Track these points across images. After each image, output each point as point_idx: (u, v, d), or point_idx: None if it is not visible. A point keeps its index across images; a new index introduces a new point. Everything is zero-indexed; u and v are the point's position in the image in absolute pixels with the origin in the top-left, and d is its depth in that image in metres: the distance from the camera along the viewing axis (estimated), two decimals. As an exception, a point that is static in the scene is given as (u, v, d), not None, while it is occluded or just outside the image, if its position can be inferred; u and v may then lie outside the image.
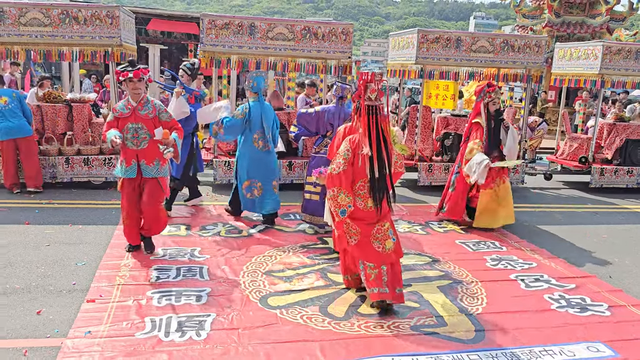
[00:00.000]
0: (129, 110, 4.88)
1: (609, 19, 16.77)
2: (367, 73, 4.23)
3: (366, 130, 4.07)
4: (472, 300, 4.50)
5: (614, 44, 9.23)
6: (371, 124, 4.06)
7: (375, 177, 4.06)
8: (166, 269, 4.80)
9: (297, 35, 7.84)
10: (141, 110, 4.88)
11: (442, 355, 3.58)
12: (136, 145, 4.89)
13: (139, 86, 4.85)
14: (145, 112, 4.90)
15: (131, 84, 4.81)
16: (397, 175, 4.33)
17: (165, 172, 5.10)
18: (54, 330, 3.71)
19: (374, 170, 4.05)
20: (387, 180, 4.11)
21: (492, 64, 8.63)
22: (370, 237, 4.16)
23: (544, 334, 3.98)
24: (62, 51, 7.42)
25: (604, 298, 4.68)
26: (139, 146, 4.89)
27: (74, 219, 6.20)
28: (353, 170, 4.08)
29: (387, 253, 4.17)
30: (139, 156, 4.92)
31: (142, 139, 4.89)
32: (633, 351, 3.77)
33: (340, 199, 4.04)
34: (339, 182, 4.03)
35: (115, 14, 7.30)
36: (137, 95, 4.88)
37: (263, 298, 4.33)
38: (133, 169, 4.92)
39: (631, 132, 9.55)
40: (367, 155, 4.02)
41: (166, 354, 3.42)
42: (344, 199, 4.04)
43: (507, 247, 5.98)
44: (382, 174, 4.07)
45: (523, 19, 18.11)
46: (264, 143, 6.10)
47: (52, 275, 4.63)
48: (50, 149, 7.54)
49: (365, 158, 4.05)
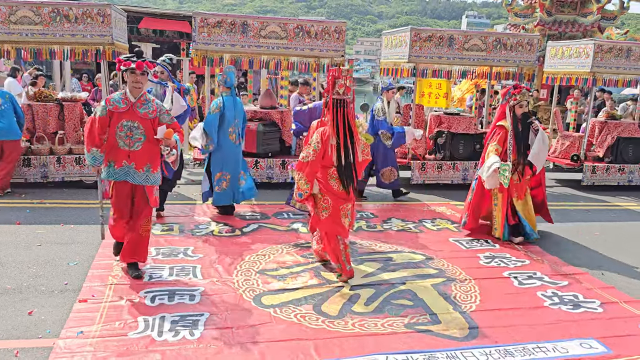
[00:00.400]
0: (126, 106, 4.36)
1: (600, 17, 16.86)
2: (335, 69, 4.63)
3: (334, 122, 4.54)
4: (466, 298, 4.51)
5: (605, 43, 9.28)
6: (339, 116, 4.54)
7: (342, 164, 4.55)
8: (159, 268, 4.77)
9: (289, 33, 7.82)
10: (140, 108, 4.39)
11: (436, 353, 3.58)
12: (128, 145, 4.35)
13: (140, 79, 4.37)
14: (144, 110, 4.41)
15: (132, 76, 4.33)
16: (364, 162, 4.79)
17: (155, 181, 4.54)
18: (46, 330, 3.68)
19: (341, 158, 4.54)
20: (353, 167, 4.61)
21: (484, 62, 8.65)
22: (340, 211, 4.68)
23: (537, 330, 3.99)
24: (53, 50, 7.35)
25: (596, 295, 4.71)
26: (132, 147, 4.36)
27: (65, 219, 6.16)
28: (325, 158, 4.57)
29: (347, 228, 4.78)
30: (130, 158, 4.39)
31: (137, 139, 4.37)
32: (625, 347, 3.79)
33: (300, 184, 4.60)
34: (304, 169, 4.57)
35: (106, 12, 7.24)
36: (137, 89, 4.38)
37: (257, 297, 4.32)
38: (125, 171, 4.39)
39: (622, 130, 9.61)
40: (334, 145, 4.52)
41: (159, 354, 3.40)
42: (303, 185, 4.59)
43: (500, 244, 5.99)
44: (347, 162, 4.57)
45: (515, 17, 18.18)
46: (236, 136, 6.39)
47: (44, 275, 4.60)
48: (42, 149, 7.48)
49: (333, 147, 4.53)
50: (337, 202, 4.65)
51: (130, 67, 4.31)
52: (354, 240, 5.82)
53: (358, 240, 5.85)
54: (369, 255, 5.43)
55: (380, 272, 4.98)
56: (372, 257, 5.38)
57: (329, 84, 4.64)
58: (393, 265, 5.16)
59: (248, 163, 7.71)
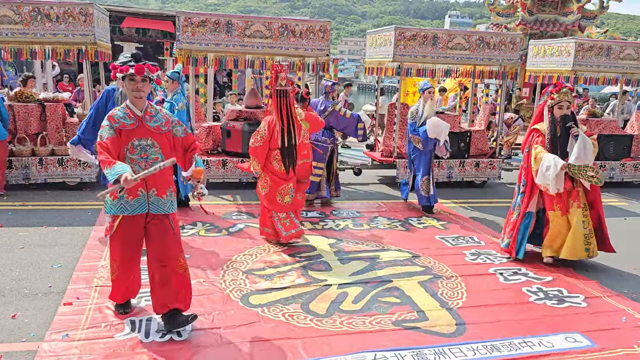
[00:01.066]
0: (134, 121, 3.50)
1: (581, 17, 17.12)
2: (277, 65, 5.42)
3: (277, 110, 5.32)
4: (452, 295, 4.54)
5: (586, 41, 9.43)
6: (282, 104, 5.31)
7: (285, 146, 5.29)
8: (146, 270, 4.71)
9: (274, 32, 7.81)
10: (150, 122, 3.54)
11: (423, 350, 3.60)
12: (145, 168, 3.45)
13: (142, 88, 3.51)
14: (156, 123, 3.56)
15: (132, 83, 3.49)
16: (304, 145, 5.54)
17: (176, 207, 3.79)
18: (30, 334, 3.62)
19: (284, 141, 5.27)
20: (294, 150, 5.35)
21: (468, 61, 8.72)
22: (276, 191, 5.39)
23: (523, 325, 4.04)
24: (34, 49, 7.27)
25: (580, 290, 4.77)
26: None
27: (48, 221, 6.07)
28: (272, 141, 5.30)
29: (285, 205, 5.44)
30: (149, 184, 3.54)
31: (153, 159, 3.50)
32: (609, 340, 3.85)
33: (253, 165, 5.40)
34: (254, 153, 5.35)
35: (88, 11, 7.17)
36: (140, 100, 3.53)
37: (244, 297, 4.30)
38: (141, 203, 3.52)
39: (603, 127, 9.77)
40: (279, 130, 5.25)
41: (146, 355, 3.37)
42: (255, 166, 5.39)
43: (485, 241, 6.05)
44: (290, 144, 5.32)
45: (497, 17, 18.38)
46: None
47: (27, 278, 4.53)
48: (23, 150, 7.37)
49: (278, 132, 5.26)
50: (275, 181, 5.37)
51: (129, 73, 3.47)
52: (341, 238, 5.83)
53: (345, 239, 5.86)
54: (356, 253, 5.44)
55: (367, 270, 5.00)
56: (359, 255, 5.39)
57: (272, 77, 5.37)
58: (380, 264, 5.18)
59: (233, 163, 7.69)
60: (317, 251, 5.45)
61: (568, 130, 5.10)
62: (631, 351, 3.72)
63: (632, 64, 9.53)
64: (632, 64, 9.52)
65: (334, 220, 6.60)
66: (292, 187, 5.45)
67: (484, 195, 8.50)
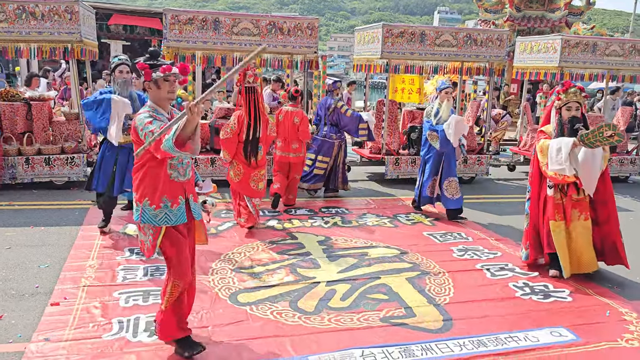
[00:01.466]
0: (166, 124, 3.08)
1: (567, 13, 17.28)
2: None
3: (246, 105, 5.69)
4: (440, 291, 4.58)
5: (572, 38, 9.50)
6: (250, 100, 5.67)
7: (249, 139, 5.72)
8: (133, 269, 4.72)
9: (262, 30, 7.79)
10: None
11: (411, 346, 3.63)
12: (183, 174, 3.31)
13: (174, 89, 3.28)
14: None
15: (166, 84, 3.19)
16: (270, 138, 6.01)
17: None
18: (17, 335, 3.61)
19: (249, 134, 5.70)
20: (257, 142, 5.77)
21: (455, 57, 8.76)
22: (249, 178, 5.83)
23: (509, 320, 4.08)
24: (19, 48, 7.19)
25: (565, 284, 4.83)
26: (186, 176, 3.34)
27: (35, 221, 6.03)
28: (241, 134, 5.71)
29: (260, 191, 5.93)
30: (187, 190, 3.38)
31: (187, 164, 3.35)
32: (593, 334, 3.90)
33: (224, 155, 5.89)
34: (225, 145, 5.79)
35: (74, 9, 7.10)
36: (170, 102, 3.31)
37: (233, 295, 4.31)
38: (182, 211, 3.32)
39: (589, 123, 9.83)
40: (245, 124, 5.67)
41: (135, 355, 3.37)
42: (226, 156, 5.86)
43: (473, 237, 6.10)
44: (254, 137, 5.75)
45: (485, 13, 18.50)
46: None
47: (14, 279, 4.50)
48: (9, 149, 7.30)
49: (244, 126, 5.68)
50: (247, 170, 5.82)
51: (172, 73, 3.18)
52: (330, 236, 5.85)
53: (333, 237, 5.88)
54: (345, 250, 5.47)
55: (355, 267, 5.02)
56: (348, 252, 5.41)
57: (241, 75, 5.64)
58: (368, 260, 5.21)
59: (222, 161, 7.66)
60: (305, 248, 5.46)
61: (576, 133, 4.69)
62: (615, 344, 3.78)
63: (618, 60, 9.62)
64: (618, 60, 9.61)
65: (322, 217, 6.62)
66: (264, 174, 5.97)
67: (472, 191, 8.56)
